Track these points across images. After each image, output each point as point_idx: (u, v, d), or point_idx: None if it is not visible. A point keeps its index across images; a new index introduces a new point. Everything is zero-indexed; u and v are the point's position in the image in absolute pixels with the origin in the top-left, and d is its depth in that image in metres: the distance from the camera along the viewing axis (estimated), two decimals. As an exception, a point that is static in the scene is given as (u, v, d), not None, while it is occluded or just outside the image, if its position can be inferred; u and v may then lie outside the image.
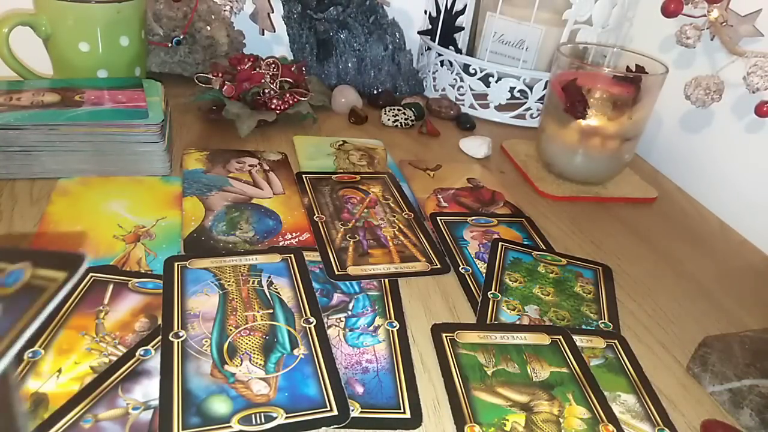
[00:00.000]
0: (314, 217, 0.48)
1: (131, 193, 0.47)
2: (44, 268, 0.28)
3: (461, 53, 0.76)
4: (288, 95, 0.63)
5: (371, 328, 0.37)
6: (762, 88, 0.56)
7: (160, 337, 0.34)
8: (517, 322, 0.40)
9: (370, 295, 0.40)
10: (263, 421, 0.29)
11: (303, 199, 0.50)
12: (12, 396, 0.22)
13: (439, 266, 0.44)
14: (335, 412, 0.30)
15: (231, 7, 0.72)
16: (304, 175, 0.54)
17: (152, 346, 0.33)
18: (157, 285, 0.38)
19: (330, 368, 0.33)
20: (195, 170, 0.52)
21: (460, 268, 0.44)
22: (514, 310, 0.41)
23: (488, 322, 0.39)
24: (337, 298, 0.39)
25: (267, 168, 0.54)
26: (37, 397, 0.29)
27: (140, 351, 0.33)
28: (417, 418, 0.31)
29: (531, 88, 0.72)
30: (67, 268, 0.28)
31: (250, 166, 0.54)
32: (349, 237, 0.46)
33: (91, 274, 0.38)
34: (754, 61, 0.57)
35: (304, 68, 0.68)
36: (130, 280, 0.38)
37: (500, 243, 0.48)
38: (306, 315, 0.37)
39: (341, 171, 0.56)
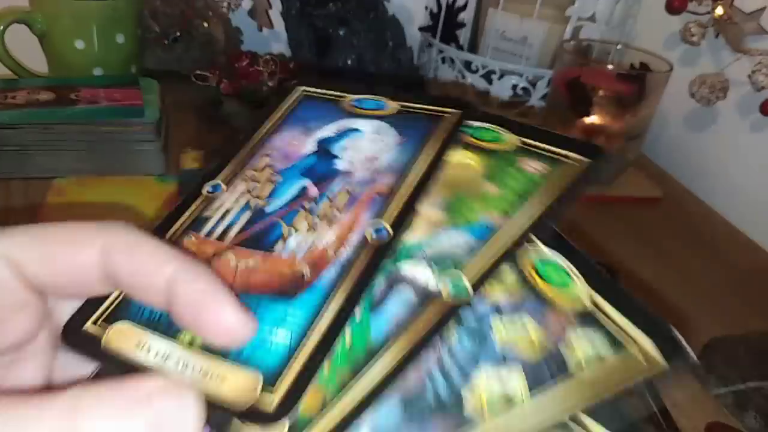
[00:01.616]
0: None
1: (127, 193, 0.47)
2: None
3: (463, 50, 0.75)
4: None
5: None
6: (767, 86, 0.56)
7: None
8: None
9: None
10: None
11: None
12: None
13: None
14: None
15: (228, 4, 0.71)
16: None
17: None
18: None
19: None
20: (192, 169, 0.51)
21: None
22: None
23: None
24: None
25: (265, 167, 0.54)
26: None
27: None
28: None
29: (534, 86, 0.71)
30: None
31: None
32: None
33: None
34: (759, 59, 0.57)
35: (302, 65, 0.67)
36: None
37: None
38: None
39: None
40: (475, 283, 0.19)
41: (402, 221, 0.20)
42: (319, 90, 0.26)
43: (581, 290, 0.19)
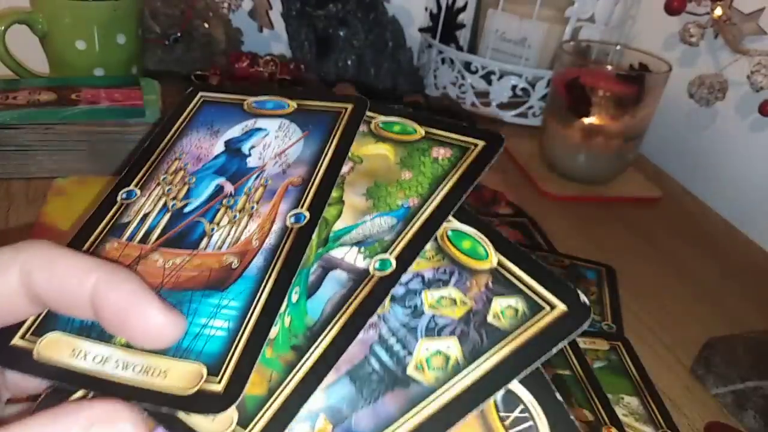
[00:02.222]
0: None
1: (128, 193, 0.47)
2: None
3: (462, 50, 0.75)
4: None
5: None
6: (766, 86, 0.56)
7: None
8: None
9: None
10: None
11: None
12: None
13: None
14: None
15: (229, 4, 0.71)
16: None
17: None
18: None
19: None
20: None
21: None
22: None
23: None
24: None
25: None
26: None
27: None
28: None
29: (533, 86, 0.71)
30: None
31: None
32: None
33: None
34: (757, 60, 0.57)
35: (302, 66, 0.67)
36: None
37: (502, 243, 0.47)
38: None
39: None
40: (400, 259, 0.20)
41: (319, 207, 0.22)
42: (218, 95, 0.27)
43: (491, 254, 0.21)
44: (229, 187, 0.23)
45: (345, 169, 0.24)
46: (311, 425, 0.17)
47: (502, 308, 0.20)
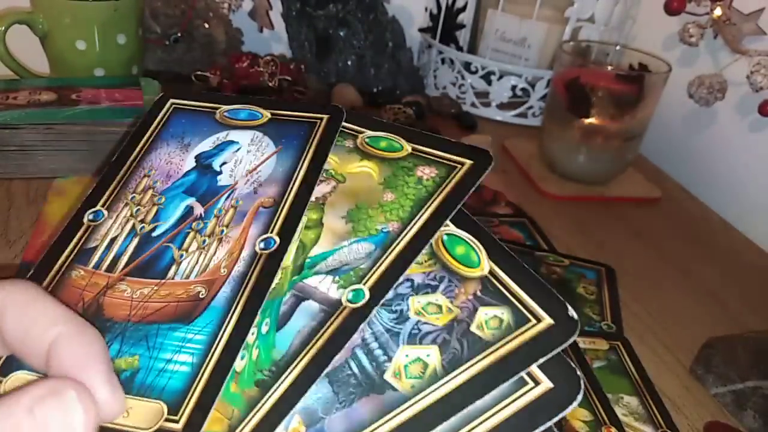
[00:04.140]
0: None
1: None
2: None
3: (462, 51, 0.75)
4: (287, 93, 0.63)
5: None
6: (765, 86, 0.56)
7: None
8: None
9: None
10: None
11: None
12: None
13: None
14: None
15: (229, 5, 0.71)
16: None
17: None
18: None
19: None
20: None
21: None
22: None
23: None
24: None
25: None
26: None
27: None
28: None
29: (533, 86, 0.71)
30: None
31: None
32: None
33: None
34: (757, 60, 0.57)
35: (303, 66, 0.68)
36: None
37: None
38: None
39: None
40: (374, 290, 0.20)
41: (289, 231, 0.21)
42: (190, 102, 0.26)
43: (483, 261, 0.21)
44: (198, 209, 0.22)
45: (327, 188, 0.23)
46: (285, 426, 0.17)
47: (488, 318, 0.19)
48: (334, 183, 0.23)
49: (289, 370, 0.18)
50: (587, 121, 0.56)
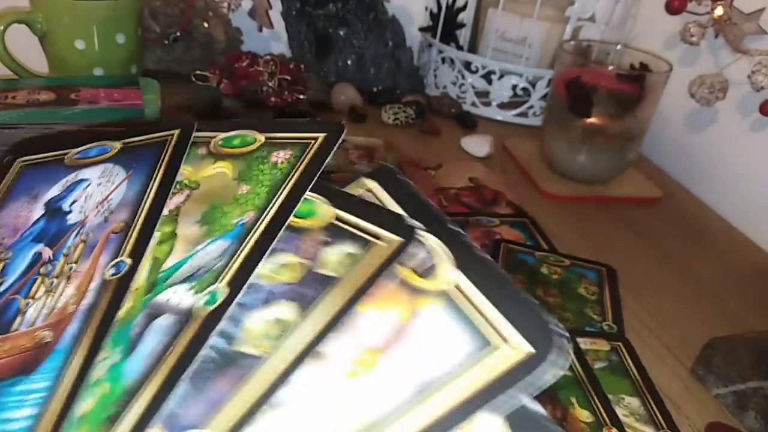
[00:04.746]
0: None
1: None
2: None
3: (463, 50, 0.75)
4: (286, 93, 0.63)
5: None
6: (766, 86, 0.56)
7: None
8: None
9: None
10: None
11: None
12: None
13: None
14: None
15: (229, 4, 0.71)
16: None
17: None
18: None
19: None
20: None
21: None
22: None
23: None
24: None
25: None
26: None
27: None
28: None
29: (534, 86, 0.71)
30: None
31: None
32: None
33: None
34: (758, 59, 0.57)
35: (302, 65, 0.67)
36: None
37: (502, 244, 0.47)
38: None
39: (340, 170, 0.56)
40: (232, 284, 0.19)
41: (140, 250, 0.21)
42: (37, 156, 0.26)
43: (326, 211, 0.21)
44: (47, 253, 0.22)
45: (180, 198, 0.22)
46: None
47: (332, 255, 0.20)
48: (187, 192, 0.23)
49: (139, 393, 0.17)
50: (588, 120, 0.56)
